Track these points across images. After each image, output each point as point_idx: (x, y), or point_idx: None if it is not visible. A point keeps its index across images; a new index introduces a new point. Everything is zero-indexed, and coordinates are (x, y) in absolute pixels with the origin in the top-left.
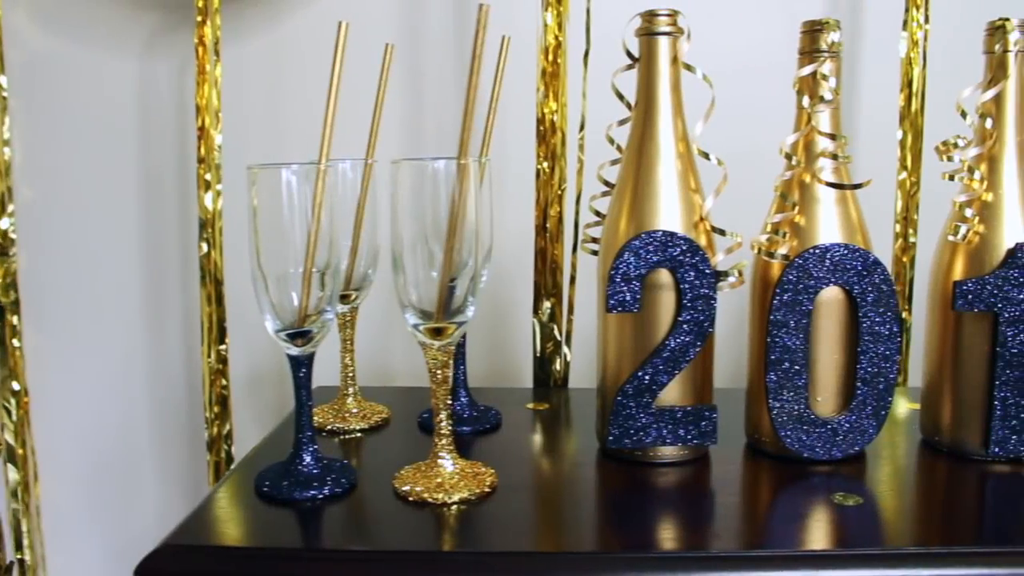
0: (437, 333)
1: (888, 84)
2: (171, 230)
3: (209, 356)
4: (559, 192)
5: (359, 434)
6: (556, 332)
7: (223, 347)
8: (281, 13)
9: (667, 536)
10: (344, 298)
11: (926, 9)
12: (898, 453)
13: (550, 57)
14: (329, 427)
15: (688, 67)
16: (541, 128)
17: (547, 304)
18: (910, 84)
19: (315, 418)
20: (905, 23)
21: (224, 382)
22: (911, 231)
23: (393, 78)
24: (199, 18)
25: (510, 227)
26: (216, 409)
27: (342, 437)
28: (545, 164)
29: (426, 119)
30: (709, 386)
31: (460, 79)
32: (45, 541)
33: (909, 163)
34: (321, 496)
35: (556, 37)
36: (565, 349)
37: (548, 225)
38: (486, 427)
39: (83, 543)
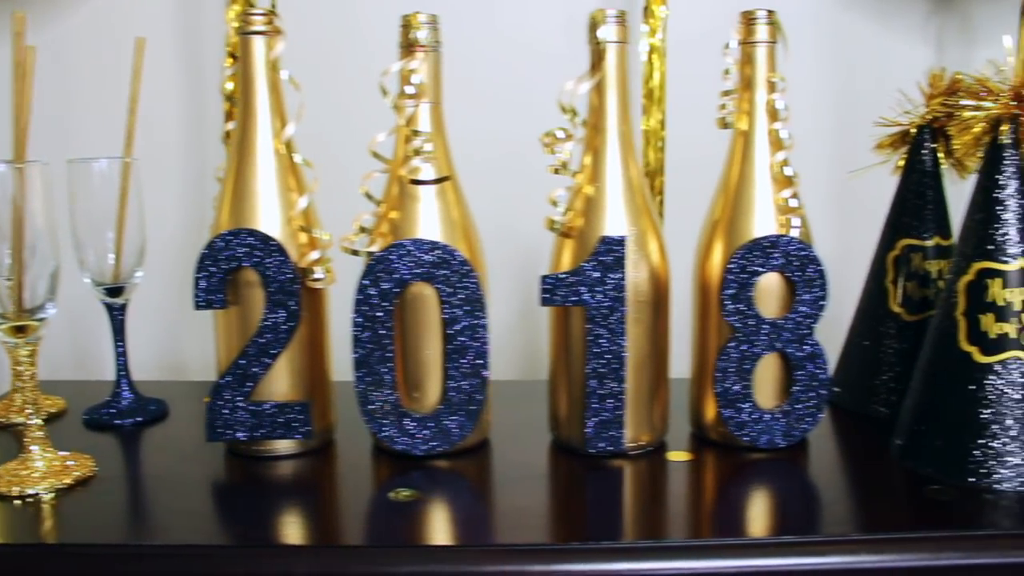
0: (19, 331)
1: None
2: None
3: None
4: None
5: (21, 427)
6: None
7: None
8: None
9: (259, 528)
10: None
11: None
12: (524, 449)
13: None
14: None
15: (275, 67)
16: None
17: None
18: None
19: None
20: (646, 10)
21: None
22: None
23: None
24: None
25: None
26: None
27: (8, 430)
28: None
29: (203, 111)
30: (323, 381)
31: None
32: None
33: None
34: None
35: None
36: None
37: None
38: (140, 420)
39: None
